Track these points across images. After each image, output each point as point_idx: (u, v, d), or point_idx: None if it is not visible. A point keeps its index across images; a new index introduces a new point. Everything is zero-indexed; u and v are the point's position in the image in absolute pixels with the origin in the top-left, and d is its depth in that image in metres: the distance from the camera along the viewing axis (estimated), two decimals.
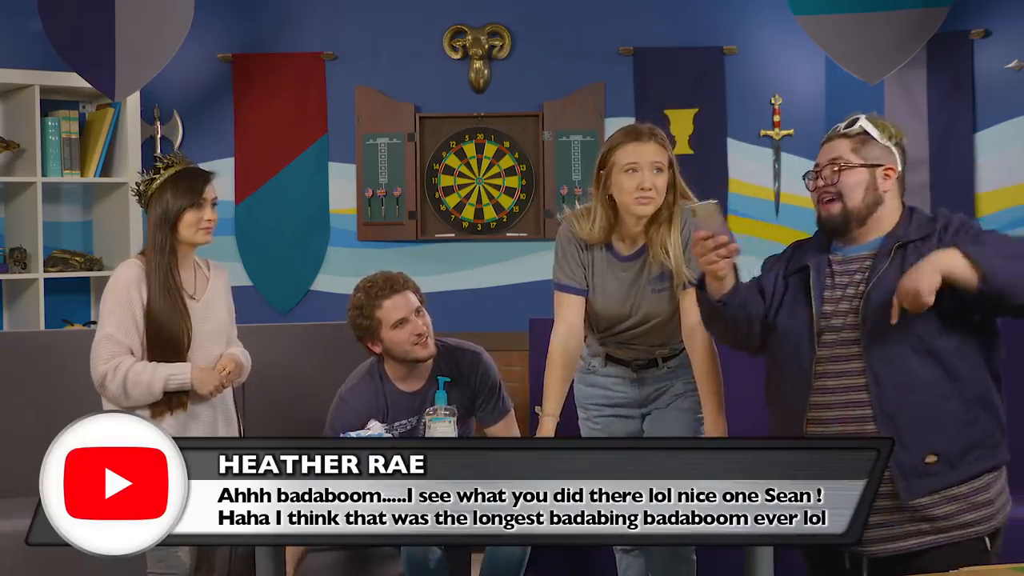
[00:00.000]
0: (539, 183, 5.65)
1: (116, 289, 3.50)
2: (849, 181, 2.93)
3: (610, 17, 5.66)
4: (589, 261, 3.47)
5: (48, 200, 5.30)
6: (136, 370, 3.44)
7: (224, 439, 3.40)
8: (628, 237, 3.44)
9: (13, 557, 3.76)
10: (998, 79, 5.23)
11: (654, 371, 3.53)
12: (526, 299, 5.49)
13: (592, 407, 3.59)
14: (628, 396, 3.54)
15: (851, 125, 2.98)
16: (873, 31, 5.07)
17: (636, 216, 3.38)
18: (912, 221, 2.95)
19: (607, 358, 3.55)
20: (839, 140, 2.97)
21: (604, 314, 3.47)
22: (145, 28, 5.00)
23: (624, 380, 3.54)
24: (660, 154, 3.36)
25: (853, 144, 2.95)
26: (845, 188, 2.93)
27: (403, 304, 3.78)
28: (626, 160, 3.35)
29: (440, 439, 3.39)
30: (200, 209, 3.51)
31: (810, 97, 5.65)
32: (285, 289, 5.71)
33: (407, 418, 3.82)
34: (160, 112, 5.63)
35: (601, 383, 3.56)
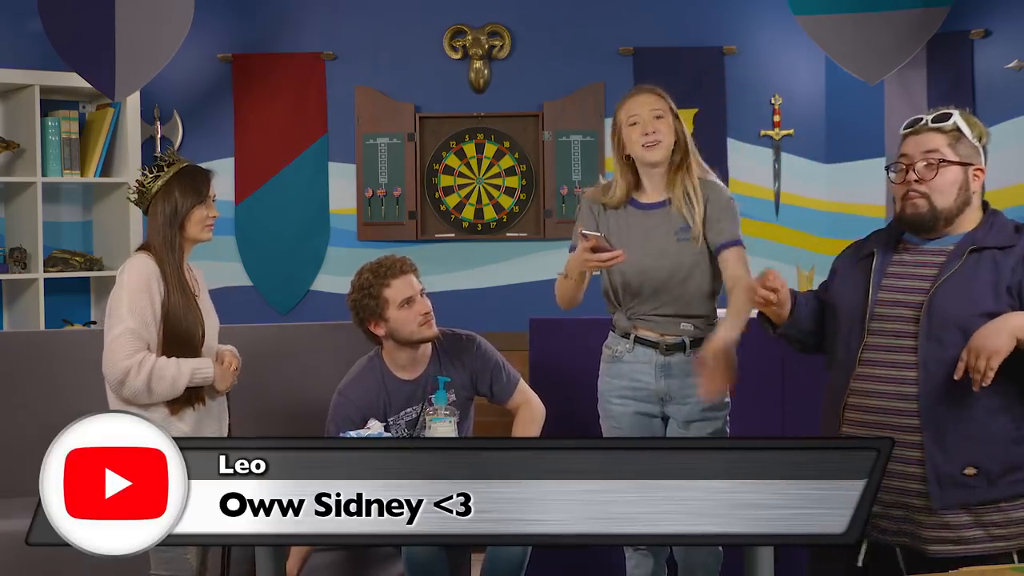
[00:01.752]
0: (539, 183, 5.65)
1: (134, 284, 3.43)
2: (946, 179, 2.85)
3: (610, 17, 5.66)
4: (609, 224, 3.55)
5: (48, 200, 5.30)
6: (160, 365, 3.39)
7: (224, 439, 3.39)
8: (652, 190, 3.56)
9: (13, 557, 3.76)
10: (998, 79, 5.23)
11: (680, 356, 3.50)
12: (526, 299, 5.50)
13: (615, 400, 3.57)
14: (651, 388, 3.52)
15: (944, 119, 2.88)
16: (873, 31, 5.07)
17: (650, 164, 3.52)
18: (993, 226, 2.88)
19: (635, 340, 3.54)
20: (932, 134, 2.88)
21: (630, 271, 3.48)
22: (145, 28, 5.00)
23: (649, 366, 3.51)
24: (657, 102, 3.52)
25: (948, 140, 2.86)
26: (940, 186, 2.85)
27: (410, 285, 3.85)
28: (628, 115, 3.54)
29: (440, 439, 3.39)
30: (205, 206, 3.53)
31: (810, 97, 5.65)
32: (285, 289, 5.71)
33: (409, 407, 3.85)
34: (160, 112, 5.63)
35: (626, 372, 3.54)
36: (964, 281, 2.80)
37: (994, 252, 2.82)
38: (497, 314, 5.50)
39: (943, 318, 2.79)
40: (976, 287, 2.80)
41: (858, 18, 5.07)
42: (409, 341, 3.84)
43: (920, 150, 2.87)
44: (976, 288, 2.80)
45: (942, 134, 2.87)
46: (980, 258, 2.82)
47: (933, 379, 2.79)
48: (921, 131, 2.89)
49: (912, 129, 2.92)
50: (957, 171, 2.86)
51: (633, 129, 3.51)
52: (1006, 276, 2.79)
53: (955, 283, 2.81)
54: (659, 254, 3.49)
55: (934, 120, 2.89)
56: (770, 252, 5.41)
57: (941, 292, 2.81)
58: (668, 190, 3.53)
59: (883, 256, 2.94)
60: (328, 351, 4.37)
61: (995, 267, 2.80)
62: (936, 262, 2.87)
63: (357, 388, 3.87)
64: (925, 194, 2.86)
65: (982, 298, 2.79)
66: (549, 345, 4.40)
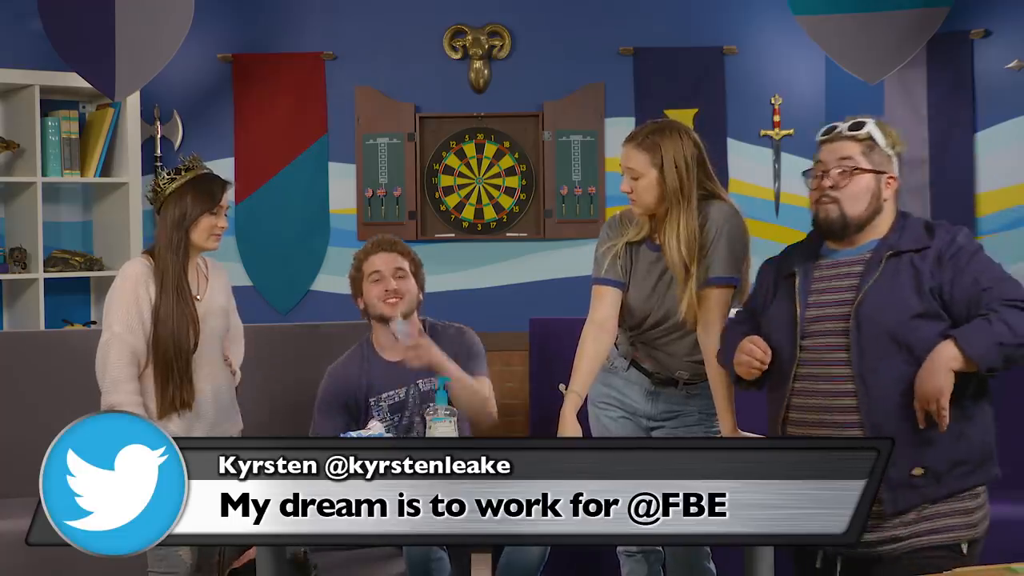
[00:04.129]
0: (539, 183, 5.65)
1: (122, 288, 3.49)
2: (859, 186, 2.89)
3: (610, 17, 5.66)
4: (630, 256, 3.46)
5: (48, 200, 5.30)
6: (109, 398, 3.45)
7: (224, 439, 3.39)
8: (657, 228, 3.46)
9: (13, 557, 3.76)
10: (998, 79, 5.23)
11: (672, 390, 3.50)
12: (526, 299, 5.50)
13: (604, 405, 3.57)
14: (640, 408, 3.53)
15: (858, 128, 2.93)
16: (873, 31, 5.07)
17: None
18: (905, 229, 2.91)
19: (632, 363, 3.54)
20: (847, 142, 2.92)
21: (634, 306, 3.45)
22: (145, 28, 5.00)
23: (641, 390, 3.51)
24: (636, 160, 3.36)
25: (862, 148, 2.91)
26: (852, 193, 2.89)
27: (385, 261, 3.86)
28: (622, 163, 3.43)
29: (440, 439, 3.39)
30: (215, 216, 3.54)
31: (810, 97, 5.65)
32: (285, 289, 5.71)
33: (392, 390, 3.84)
34: (160, 112, 5.63)
35: (619, 386, 3.54)
36: (887, 288, 2.83)
37: (911, 255, 2.86)
38: (497, 314, 5.49)
39: (872, 327, 2.82)
40: (900, 292, 2.83)
41: (858, 18, 5.07)
42: (375, 317, 3.87)
43: (834, 157, 2.92)
44: (900, 293, 2.83)
45: (856, 142, 2.92)
46: (899, 262, 2.86)
47: (871, 390, 2.82)
48: (836, 139, 2.94)
49: (828, 136, 2.97)
50: (870, 179, 2.90)
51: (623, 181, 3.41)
52: (926, 278, 2.82)
53: (878, 291, 2.84)
54: (657, 300, 3.43)
55: (849, 128, 2.94)
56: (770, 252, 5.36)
57: (867, 302, 2.84)
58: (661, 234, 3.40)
59: (804, 274, 2.97)
60: (328, 351, 4.36)
61: (913, 270, 2.84)
62: (855, 272, 2.90)
63: (342, 368, 3.90)
64: (836, 199, 2.90)
65: (906, 302, 2.82)
66: (549, 345, 4.40)
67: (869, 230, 2.93)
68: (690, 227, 3.32)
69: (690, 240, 3.32)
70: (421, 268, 3.95)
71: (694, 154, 3.37)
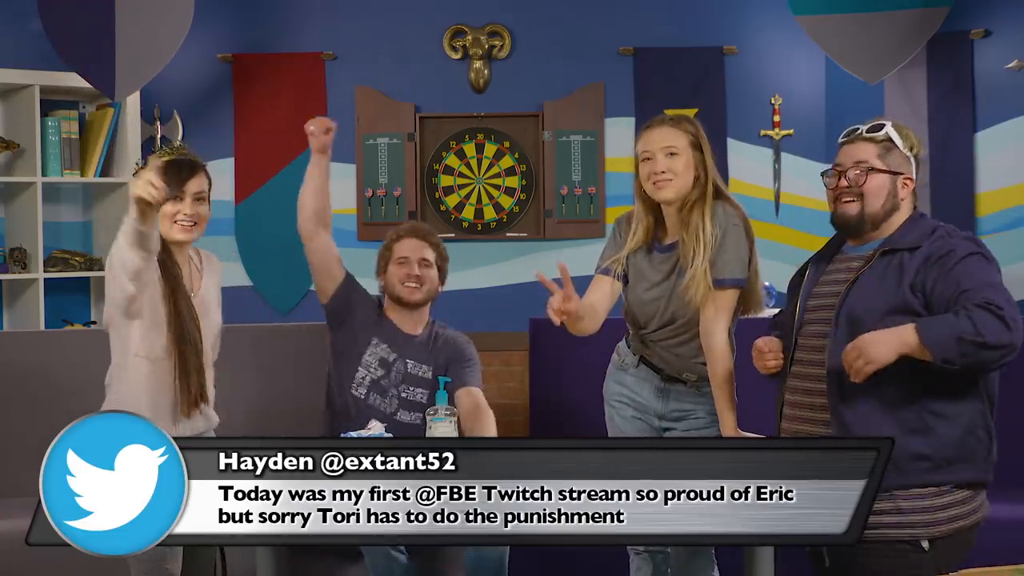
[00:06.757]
0: (539, 183, 5.65)
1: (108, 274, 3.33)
2: (874, 185, 2.95)
3: (610, 17, 5.66)
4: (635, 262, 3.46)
5: (48, 200, 5.29)
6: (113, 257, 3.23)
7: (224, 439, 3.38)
8: (670, 227, 3.43)
9: (13, 557, 3.76)
10: (998, 79, 5.23)
11: (681, 387, 3.49)
12: (526, 299, 5.49)
13: (617, 404, 3.57)
14: (651, 406, 3.52)
15: (876, 130, 2.99)
16: (873, 31, 5.07)
17: (661, 202, 3.39)
18: (912, 229, 2.95)
19: (641, 359, 3.53)
20: (864, 143, 2.99)
21: (637, 307, 3.45)
22: (145, 28, 5.00)
23: (651, 387, 3.50)
24: (673, 137, 3.36)
25: (879, 150, 2.97)
26: (869, 191, 2.95)
27: (414, 248, 3.96)
28: (641, 151, 3.39)
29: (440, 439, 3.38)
30: (178, 202, 3.33)
31: (810, 97, 5.65)
32: (285, 289, 5.71)
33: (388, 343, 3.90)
34: (160, 112, 5.63)
35: (629, 383, 3.53)
36: (871, 284, 2.87)
37: (903, 253, 2.89)
38: (497, 314, 5.50)
39: (849, 318, 2.86)
40: (882, 288, 2.86)
41: (858, 18, 5.08)
42: (392, 297, 3.93)
43: (852, 159, 2.99)
44: (882, 287, 2.86)
45: (873, 144, 2.98)
46: (891, 259, 2.90)
47: (836, 378, 2.86)
48: (855, 140, 3.02)
49: (847, 139, 3.04)
50: (885, 178, 2.96)
51: (644, 166, 3.37)
52: (910, 274, 2.85)
53: (863, 284, 2.89)
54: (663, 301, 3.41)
55: (868, 131, 3.01)
56: (770, 252, 5.40)
57: (852, 294, 2.89)
58: (680, 230, 3.38)
59: (815, 268, 3.06)
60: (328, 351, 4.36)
61: (900, 267, 2.86)
62: (855, 267, 2.95)
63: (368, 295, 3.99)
64: (857, 196, 2.96)
65: (884, 297, 2.85)
66: (549, 345, 4.40)
67: (883, 228, 2.97)
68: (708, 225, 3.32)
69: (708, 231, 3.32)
70: (447, 263, 4.02)
71: (710, 148, 3.40)
